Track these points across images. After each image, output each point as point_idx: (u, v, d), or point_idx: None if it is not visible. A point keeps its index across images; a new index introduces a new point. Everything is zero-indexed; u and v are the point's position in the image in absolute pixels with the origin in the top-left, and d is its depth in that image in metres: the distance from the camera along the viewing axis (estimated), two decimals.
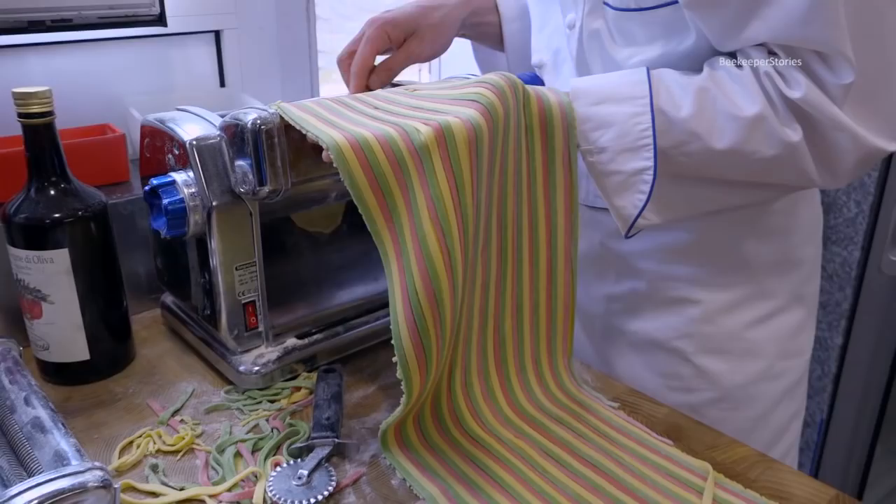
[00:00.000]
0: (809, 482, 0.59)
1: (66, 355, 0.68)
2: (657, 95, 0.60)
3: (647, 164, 0.61)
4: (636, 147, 0.61)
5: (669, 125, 0.60)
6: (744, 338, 0.73)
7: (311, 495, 0.54)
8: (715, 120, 0.59)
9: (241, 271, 0.65)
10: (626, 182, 0.62)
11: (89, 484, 0.47)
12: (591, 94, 0.63)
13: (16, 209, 0.64)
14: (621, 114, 0.61)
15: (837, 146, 0.59)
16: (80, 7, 0.76)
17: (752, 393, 0.74)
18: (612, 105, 0.61)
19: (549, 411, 0.64)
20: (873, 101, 0.57)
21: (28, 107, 0.62)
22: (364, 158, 0.53)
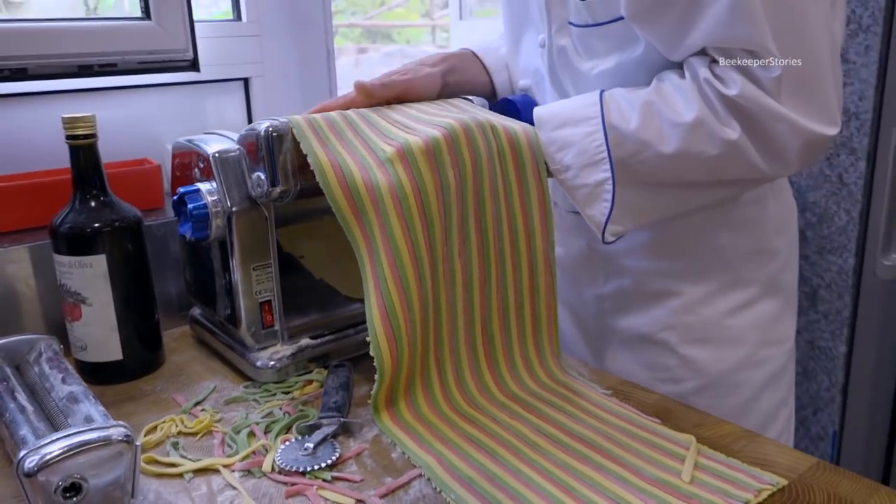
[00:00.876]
0: (791, 452, 0.61)
1: (101, 355, 0.74)
2: (608, 114, 0.68)
3: (606, 175, 0.68)
4: (595, 161, 0.68)
5: (622, 138, 0.67)
6: (724, 326, 0.77)
7: (315, 463, 0.59)
8: (661, 128, 0.66)
9: (258, 271, 0.72)
10: (591, 193, 0.69)
11: (113, 437, 0.52)
12: (552, 120, 0.71)
13: (61, 221, 0.72)
14: (579, 134, 0.68)
15: (778, 137, 0.63)
16: (123, 52, 0.86)
17: (736, 380, 0.77)
18: (570, 127, 0.69)
19: (541, 396, 0.68)
20: (806, 90, 0.63)
21: (74, 129, 0.71)
22: (341, 174, 0.63)
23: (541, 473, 0.57)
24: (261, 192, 0.67)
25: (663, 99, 0.66)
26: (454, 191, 0.66)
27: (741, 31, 0.61)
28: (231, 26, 1.05)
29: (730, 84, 0.63)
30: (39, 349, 0.69)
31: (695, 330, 0.77)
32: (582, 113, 0.69)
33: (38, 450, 0.50)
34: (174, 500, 0.56)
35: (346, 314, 0.80)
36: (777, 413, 0.81)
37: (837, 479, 0.57)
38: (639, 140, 0.66)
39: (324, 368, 0.75)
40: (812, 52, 0.62)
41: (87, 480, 0.51)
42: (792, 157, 0.65)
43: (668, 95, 0.66)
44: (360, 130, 0.68)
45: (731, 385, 0.77)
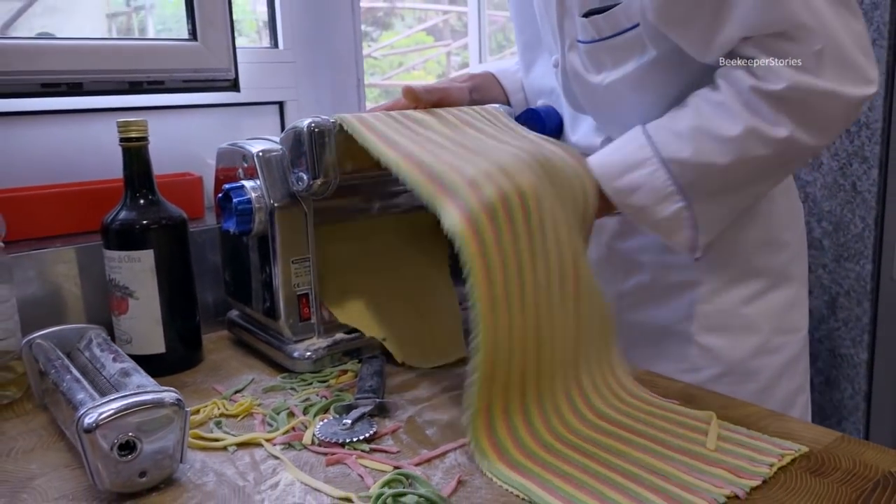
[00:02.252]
0: (815, 427, 0.62)
1: (145, 348, 0.77)
2: (662, 149, 0.72)
3: (680, 204, 0.72)
4: (666, 195, 0.72)
5: (682, 167, 0.71)
6: (739, 314, 0.80)
7: (354, 435, 0.61)
8: (714, 148, 0.70)
9: (297, 265, 0.76)
10: (672, 224, 0.73)
11: (165, 400, 0.55)
12: (609, 170, 0.74)
13: (112, 218, 0.77)
14: (642, 176, 0.72)
15: (829, 113, 0.68)
16: (171, 70, 0.92)
17: (753, 367, 0.81)
18: (631, 173, 0.73)
19: (620, 409, 0.65)
20: (842, 56, 0.66)
21: (128, 132, 0.75)
22: (414, 160, 0.64)
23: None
24: (302, 185, 0.71)
25: (707, 120, 0.70)
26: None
27: (777, 13, 0.65)
28: (268, 52, 1.11)
29: (775, 79, 0.67)
30: (89, 337, 0.73)
31: (712, 319, 0.81)
32: (637, 156, 0.73)
33: (97, 408, 0.53)
34: (219, 468, 0.59)
35: None
36: (794, 400, 0.84)
37: (862, 448, 0.59)
38: (698, 164, 0.70)
39: (357, 361, 0.78)
40: (839, 16, 0.66)
41: (140, 440, 0.54)
42: (839, 126, 0.70)
43: (710, 115, 0.70)
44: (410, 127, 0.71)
45: (748, 372, 0.81)
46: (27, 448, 0.63)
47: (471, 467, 0.57)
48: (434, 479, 0.55)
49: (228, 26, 0.97)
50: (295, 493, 0.55)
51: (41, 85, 0.87)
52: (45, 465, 0.60)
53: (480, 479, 0.56)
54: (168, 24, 1.35)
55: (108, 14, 1.40)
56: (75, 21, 1.12)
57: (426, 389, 0.73)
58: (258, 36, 1.90)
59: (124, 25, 1.55)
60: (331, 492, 0.54)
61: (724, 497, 0.51)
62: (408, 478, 0.55)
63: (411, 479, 0.55)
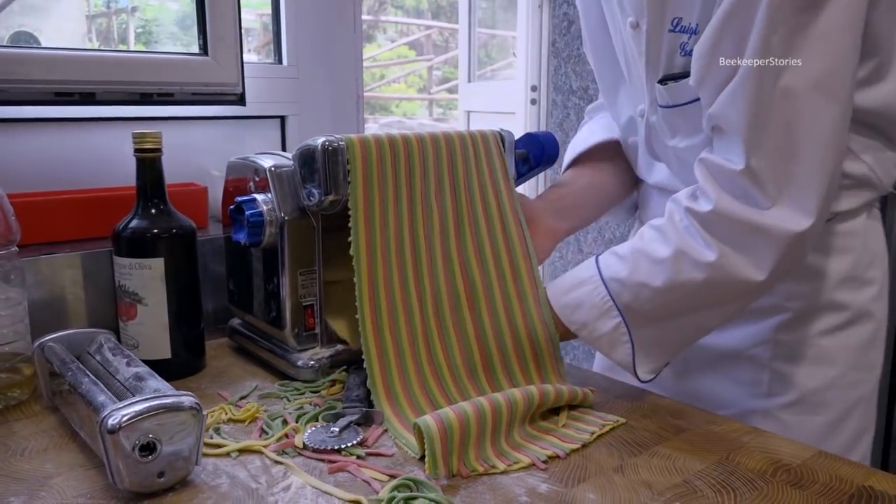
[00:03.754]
0: (794, 444, 0.67)
1: (152, 353, 0.79)
2: (604, 269, 0.76)
3: (617, 319, 0.75)
4: (604, 311, 0.75)
5: (620, 286, 0.74)
6: (817, 345, 0.80)
7: (341, 442, 0.64)
8: (648, 269, 0.72)
9: (304, 277, 0.78)
10: (611, 340, 0.76)
11: (185, 404, 0.58)
12: (558, 288, 0.79)
13: (124, 226, 0.79)
14: (584, 292, 0.76)
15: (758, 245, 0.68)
16: (181, 83, 0.94)
17: (826, 399, 0.80)
18: (575, 291, 0.77)
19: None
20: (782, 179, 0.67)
21: (143, 143, 0.78)
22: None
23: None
24: (314, 200, 0.74)
25: (646, 243, 0.74)
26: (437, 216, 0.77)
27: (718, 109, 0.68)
28: (272, 68, 1.14)
29: (704, 200, 0.70)
30: (100, 341, 0.75)
31: (788, 347, 0.81)
32: (582, 275, 0.77)
33: (120, 410, 0.56)
34: (231, 471, 0.61)
35: None
36: (861, 437, 0.83)
37: (838, 464, 0.63)
38: (634, 284, 0.73)
39: (345, 370, 0.81)
40: (794, 139, 0.66)
41: (160, 442, 0.56)
42: (776, 261, 0.68)
43: (649, 238, 0.74)
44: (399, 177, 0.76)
45: (821, 403, 0.80)
46: (40, 448, 0.65)
47: (469, 473, 0.60)
48: (438, 482, 0.58)
49: (238, 42, 1.00)
50: (307, 496, 0.57)
51: (55, 94, 0.89)
52: (60, 465, 0.62)
53: (482, 485, 0.59)
54: (148, 27, 1.37)
55: (88, 16, 1.41)
56: (54, 21, 1.13)
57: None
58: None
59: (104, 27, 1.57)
60: (342, 495, 0.57)
61: (545, 455, 0.63)
62: (415, 483, 0.58)
63: (419, 484, 0.58)
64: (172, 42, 1.22)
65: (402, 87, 9.76)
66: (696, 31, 0.72)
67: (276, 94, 1.12)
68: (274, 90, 1.12)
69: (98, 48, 0.96)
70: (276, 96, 1.13)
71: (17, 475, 0.60)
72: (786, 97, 0.65)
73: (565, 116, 2.24)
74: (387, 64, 9.38)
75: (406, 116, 8.96)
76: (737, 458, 0.63)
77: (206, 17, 0.98)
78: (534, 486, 0.59)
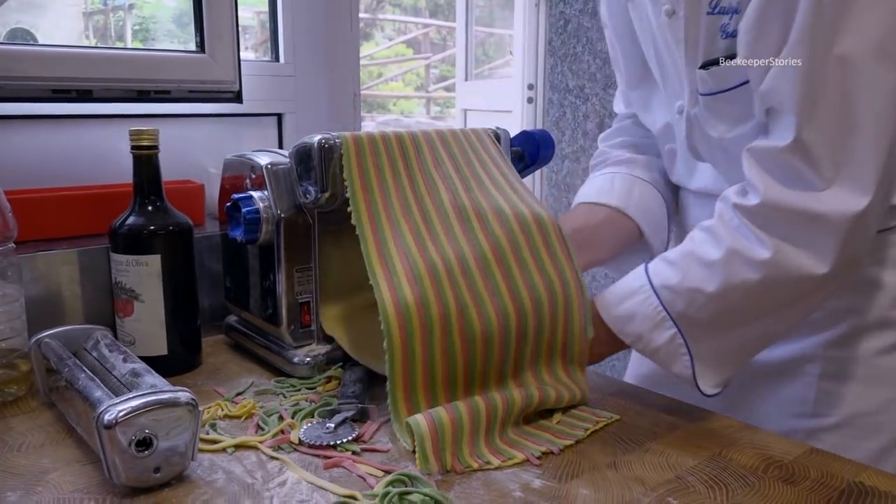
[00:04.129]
0: (786, 441, 0.67)
1: (148, 349, 0.80)
2: (654, 277, 0.72)
3: (672, 330, 0.71)
4: (658, 322, 0.71)
5: (672, 294, 0.70)
6: (872, 364, 0.76)
7: (336, 438, 0.65)
8: (700, 273, 0.69)
9: (300, 274, 0.79)
10: (668, 352, 0.72)
11: (181, 399, 0.58)
12: (610, 299, 0.75)
13: (121, 223, 0.79)
14: (636, 303, 0.73)
15: (815, 232, 0.63)
16: (178, 81, 0.95)
17: (878, 421, 0.76)
18: (627, 301, 0.73)
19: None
20: (839, 157, 0.62)
21: (140, 140, 0.78)
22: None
23: None
24: (310, 198, 0.74)
25: (696, 245, 0.70)
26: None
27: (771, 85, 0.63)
28: (269, 66, 1.15)
29: (753, 194, 0.66)
30: (96, 338, 0.75)
31: (840, 364, 0.76)
32: (633, 285, 0.73)
33: (116, 405, 0.56)
34: (227, 466, 0.62)
35: None
36: None
37: (829, 460, 0.63)
38: (686, 290, 0.69)
39: (341, 368, 0.81)
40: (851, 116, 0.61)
41: (156, 437, 0.57)
42: (838, 248, 0.63)
43: (699, 240, 0.70)
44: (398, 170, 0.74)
45: (872, 427, 0.76)
46: (37, 444, 0.65)
47: (464, 469, 0.61)
48: (433, 478, 0.59)
49: (235, 40, 1.01)
50: (302, 492, 0.58)
51: (52, 91, 0.89)
52: (56, 460, 0.62)
53: (477, 480, 0.59)
54: (146, 24, 1.37)
55: (86, 13, 1.42)
56: (51, 18, 1.14)
57: None
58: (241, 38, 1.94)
59: (101, 24, 1.57)
60: (337, 490, 0.57)
61: (539, 451, 0.63)
62: (410, 478, 0.58)
63: (413, 479, 0.58)
64: (170, 39, 1.22)
65: (400, 85, 9.75)
66: (738, 9, 0.68)
67: (272, 92, 1.13)
68: (271, 88, 1.13)
69: (95, 45, 0.96)
70: (273, 94, 1.13)
71: (13, 470, 0.61)
72: (842, 65, 0.61)
73: (561, 115, 2.25)
74: (384, 62, 9.38)
75: (403, 115, 8.96)
76: (729, 455, 0.64)
77: (203, 15, 0.99)
78: (528, 482, 0.59)
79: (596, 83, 2.04)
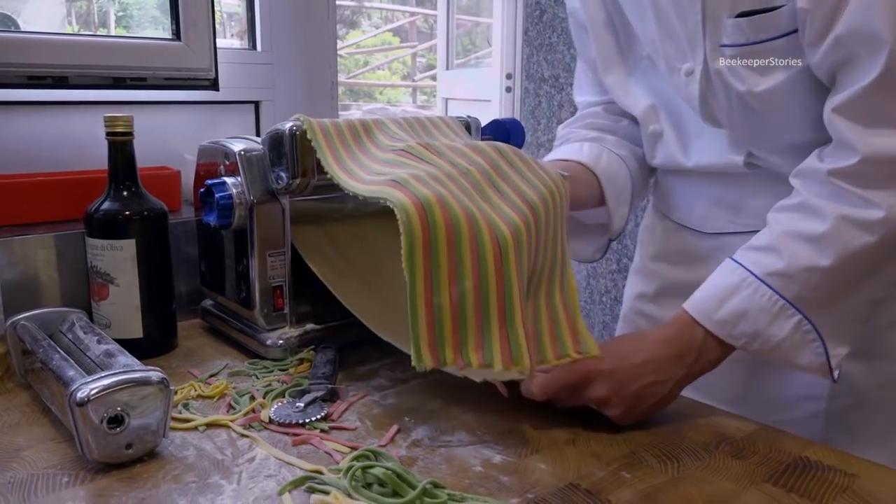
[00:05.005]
0: (740, 419, 0.70)
1: (124, 332, 0.81)
2: (754, 267, 0.67)
3: (796, 317, 0.66)
4: (777, 312, 0.66)
5: (784, 279, 0.65)
6: (884, 338, 0.75)
7: (305, 417, 0.67)
8: (810, 250, 0.65)
9: (273, 258, 0.80)
10: (794, 342, 0.66)
11: (152, 378, 0.60)
12: (708, 305, 0.68)
13: (96, 208, 0.80)
14: (744, 299, 0.67)
15: None
16: (154, 68, 0.96)
17: (892, 396, 0.76)
18: (731, 300, 0.67)
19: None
20: None
21: (115, 127, 0.79)
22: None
23: None
24: (282, 184, 0.76)
25: (791, 225, 0.66)
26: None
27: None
28: (246, 54, 1.16)
29: (847, 153, 0.63)
30: (72, 320, 0.77)
31: (857, 344, 0.72)
32: (731, 281, 0.68)
33: (89, 384, 0.58)
34: (198, 444, 0.63)
35: None
36: None
37: (779, 436, 0.66)
38: (798, 271, 0.65)
39: (313, 350, 0.83)
40: None
41: (128, 414, 0.59)
42: None
43: (792, 219, 0.66)
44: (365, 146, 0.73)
45: (886, 401, 0.76)
46: (12, 423, 0.67)
47: (430, 445, 0.63)
48: (397, 454, 0.61)
49: (210, 28, 1.02)
50: (270, 467, 0.60)
51: (28, 77, 0.90)
52: (31, 439, 0.64)
53: (439, 456, 0.62)
54: (129, 10, 1.38)
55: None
56: (33, 4, 1.14)
57: (386, 379, 0.78)
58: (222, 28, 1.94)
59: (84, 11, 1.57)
60: (303, 465, 0.59)
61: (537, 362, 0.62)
62: (374, 454, 0.60)
63: (377, 455, 0.60)
64: (154, 26, 1.22)
65: (387, 73, 9.73)
66: None
67: (250, 80, 1.14)
68: (248, 76, 1.14)
69: (76, 32, 0.97)
70: (251, 82, 1.14)
71: None
72: None
73: (537, 104, 2.27)
74: (371, 50, 9.35)
75: (390, 103, 8.94)
76: (684, 432, 0.67)
77: (179, 3, 1.00)
78: (489, 458, 0.61)
79: (570, 73, 2.06)
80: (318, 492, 0.55)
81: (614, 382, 0.66)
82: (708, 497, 0.56)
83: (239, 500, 0.55)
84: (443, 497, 0.53)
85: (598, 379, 0.66)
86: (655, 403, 0.67)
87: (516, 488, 0.57)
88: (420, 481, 0.54)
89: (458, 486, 0.57)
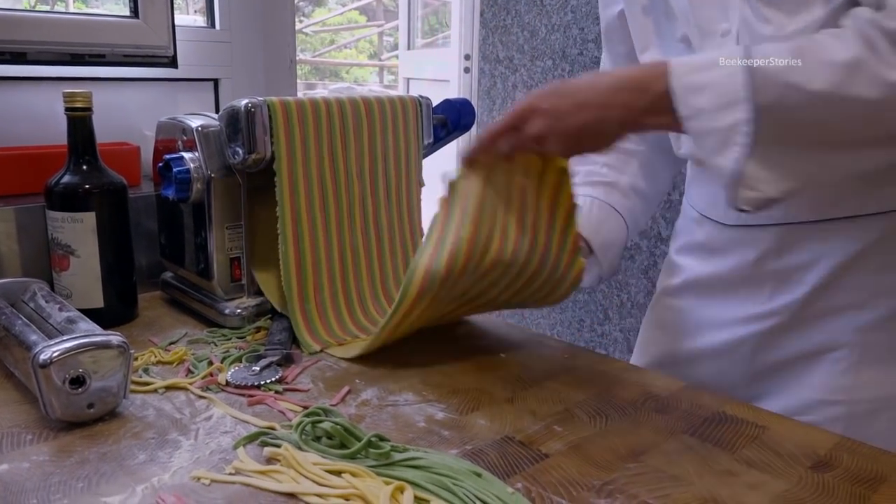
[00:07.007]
0: (669, 379, 0.75)
1: (84, 302, 0.84)
2: (755, 52, 0.62)
3: (742, 115, 0.61)
4: (731, 102, 0.61)
5: (766, 80, 0.60)
6: None
7: (261, 379, 0.71)
8: (811, 67, 0.60)
9: (231, 231, 0.84)
10: (722, 139, 0.62)
11: (113, 342, 0.63)
12: (688, 67, 0.64)
13: (56, 181, 0.82)
14: (716, 76, 0.62)
15: None
16: (112, 45, 0.97)
17: None
18: (706, 71, 0.63)
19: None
20: None
21: (74, 102, 0.81)
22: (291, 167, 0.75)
23: None
24: (238, 159, 0.79)
25: (816, 42, 0.62)
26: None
27: None
28: (205, 32, 1.17)
29: (893, 16, 0.59)
30: (33, 290, 0.79)
31: (879, 347, 0.73)
32: (721, 56, 0.63)
33: (51, 346, 0.61)
34: (158, 405, 0.67)
35: None
36: None
37: (702, 394, 0.72)
38: (785, 83, 0.60)
39: (269, 319, 0.87)
40: None
41: (90, 376, 0.62)
42: None
43: (821, 39, 0.62)
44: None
45: None
46: None
47: (378, 405, 0.68)
48: (347, 412, 0.65)
49: (168, 5, 1.03)
50: (226, 425, 0.63)
51: None
52: None
53: (386, 413, 0.66)
54: None
55: None
56: None
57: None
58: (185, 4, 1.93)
59: None
60: (258, 423, 0.63)
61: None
62: (325, 411, 0.64)
63: (328, 412, 0.64)
64: (113, 2, 1.23)
65: (353, 52, 9.66)
66: None
67: (209, 58, 1.16)
68: (207, 53, 1.16)
69: (34, 8, 0.98)
70: (209, 59, 1.16)
71: None
72: None
73: (492, 85, 2.31)
74: (337, 28, 9.27)
75: (356, 83, 8.89)
76: (614, 391, 0.72)
77: None
78: (432, 414, 0.66)
79: (524, 55, 2.10)
80: (270, 445, 0.59)
81: (550, 118, 0.66)
82: (630, 446, 0.61)
83: (196, 453, 0.59)
84: (386, 448, 0.58)
85: (535, 116, 0.66)
86: (594, 141, 0.67)
87: (456, 441, 0.61)
88: (366, 435, 0.59)
89: (402, 440, 0.61)
